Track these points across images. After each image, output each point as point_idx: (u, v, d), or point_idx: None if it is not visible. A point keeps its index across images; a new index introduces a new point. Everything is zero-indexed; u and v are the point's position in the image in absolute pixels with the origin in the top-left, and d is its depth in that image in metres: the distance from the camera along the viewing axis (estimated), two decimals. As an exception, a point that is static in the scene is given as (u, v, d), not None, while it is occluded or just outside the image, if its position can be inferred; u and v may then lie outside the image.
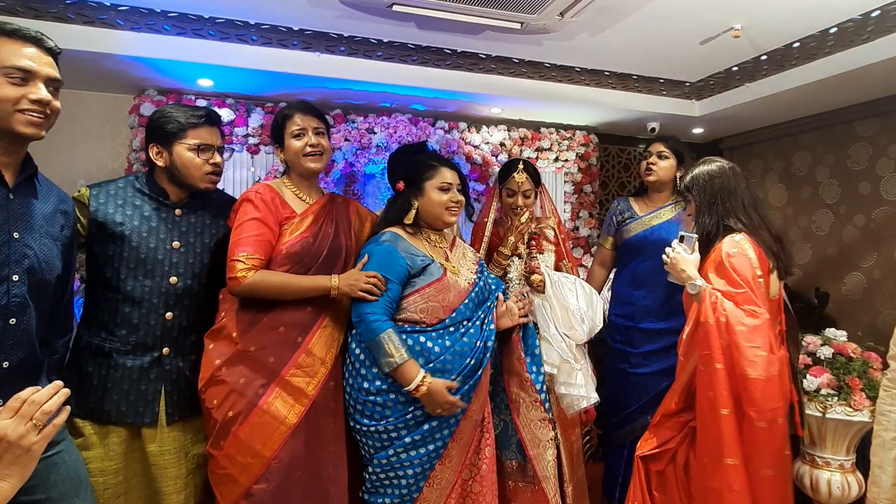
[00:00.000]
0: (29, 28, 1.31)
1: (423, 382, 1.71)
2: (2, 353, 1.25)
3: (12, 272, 1.27)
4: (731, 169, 2.00)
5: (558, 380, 2.15)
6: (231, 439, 1.70)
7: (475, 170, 3.36)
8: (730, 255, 1.83)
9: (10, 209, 1.30)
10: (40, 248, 1.34)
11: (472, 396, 1.82)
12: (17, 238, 1.29)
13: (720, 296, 1.79)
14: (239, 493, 1.69)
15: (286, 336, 1.78)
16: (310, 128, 1.89)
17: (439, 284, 1.83)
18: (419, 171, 1.94)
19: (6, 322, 1.26)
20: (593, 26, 2.52)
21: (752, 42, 2.66)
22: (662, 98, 3.35)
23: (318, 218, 1.90)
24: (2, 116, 1.26)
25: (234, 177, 3.00)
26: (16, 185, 1.33)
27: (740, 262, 1.81)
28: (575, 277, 2.30)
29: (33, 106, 1.27)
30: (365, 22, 2.48)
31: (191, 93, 2.93)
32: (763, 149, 3.90)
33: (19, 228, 1.30)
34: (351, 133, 3.12)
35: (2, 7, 2.28)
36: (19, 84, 1.26)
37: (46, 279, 1.35)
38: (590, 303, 2.21)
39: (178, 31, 2.46)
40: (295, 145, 1.89)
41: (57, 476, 1.33)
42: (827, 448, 2.49)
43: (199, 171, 1.78)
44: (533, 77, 3.05)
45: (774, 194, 3.81)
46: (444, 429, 1.78)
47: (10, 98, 1.25)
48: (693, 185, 2.00)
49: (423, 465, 1.77)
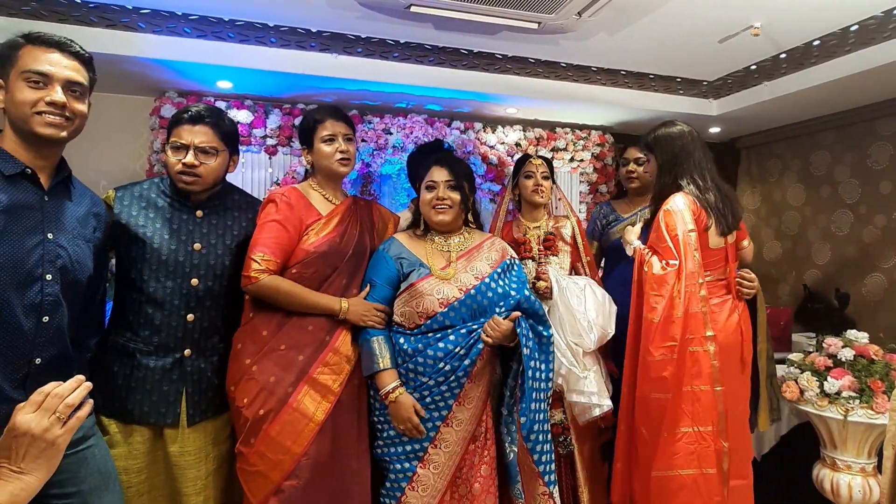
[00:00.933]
0: (53, 34, 1.35)
1: (393, 391, 1.76)
2: (35, 350, 1.28)
3: (46, 271, 1.30)
4: (691, 132, 2.14)
5: (567, 387, 2.10)
6: (262, 437, 1.71)
7: (491, 170, 3.36)
8: (666, 212, 2.02)
9: (45, 211, 1.33)
10: (73, 248, 1.37)
11: (453, 404, 1.80)
12: (52, 239, 1.32)
13: (648, 252, 2.03)
14: (269, 490, 1.71)
15: (314, 335, 1.80)
16: (340, 134, 1.91)
17: (412, 290, 1.82)
18: (418, 174, 1.97)
19: (39, 319, 1.28)
20: (611, 25, 2.51)
21: (772, 40, 2.64)
22: (679, 97, 3.34)
23: (344, 218, 1.91)
24: (23, 119, 1.30)
25: (252, 177, 3.03)
26: (51, 188, 1.36)
27: (671, 219, 2.01)
28: (587, 282, 2.21)
29: (49, 108, 1.31)
30: (382, 23, 2.49)
31: (210, 94, 2.96)
32: (781, 148, 3.86)
33: (53, 229, 1.33)
34: (367, 134, 3.13)
35: (27, 11, 2.32)
36: (38, 88, 1.30)
37: (78, 279, 1.38)
38: (601, 309, 2.13)
39: (199, 33, 2.49)
40: (325, 150, 1.90)
41: (87, 470, 1.35)
42: (848, 451, 2.46)
43: (171, 170, 1.74)
44: (549, 77, 3.04)
45: (793, 194, 3.77)
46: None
47: (28, 101, 1.30)
48: (655, 144, 2.13)
49: (402, 464, 1.78)
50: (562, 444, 2.16)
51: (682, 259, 1.96)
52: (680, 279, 1.95)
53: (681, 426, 1.89)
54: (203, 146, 1.74)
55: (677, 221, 2.00)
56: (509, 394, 1.88)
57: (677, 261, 1.96)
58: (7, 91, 1.31)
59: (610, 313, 2.14)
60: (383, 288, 1.86)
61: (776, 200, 3.96)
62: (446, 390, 1.79)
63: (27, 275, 1.26)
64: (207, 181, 1.76)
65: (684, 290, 1.94)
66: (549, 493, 1.86)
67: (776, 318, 3.03)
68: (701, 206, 2.04)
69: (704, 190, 2.06)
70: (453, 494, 1.83)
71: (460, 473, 1.84)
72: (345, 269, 1.86)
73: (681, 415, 1.89)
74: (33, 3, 2.31)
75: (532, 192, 2.32)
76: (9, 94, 1.31)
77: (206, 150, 1.75)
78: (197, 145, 1.73)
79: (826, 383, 2.43)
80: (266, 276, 1.75)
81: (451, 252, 1.92)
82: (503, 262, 1.94)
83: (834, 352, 2.56)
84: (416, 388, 1.79)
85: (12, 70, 1.30)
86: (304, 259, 1.82)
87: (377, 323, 1.82)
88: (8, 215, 1.24)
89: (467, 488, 1.84)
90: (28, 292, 1.26)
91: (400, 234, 1.96)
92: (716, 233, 2.07)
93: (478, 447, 1.86)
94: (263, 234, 1.79)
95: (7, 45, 1.32)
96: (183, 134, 1.74)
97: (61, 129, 1.33)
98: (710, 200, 2.06)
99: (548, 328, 1.85)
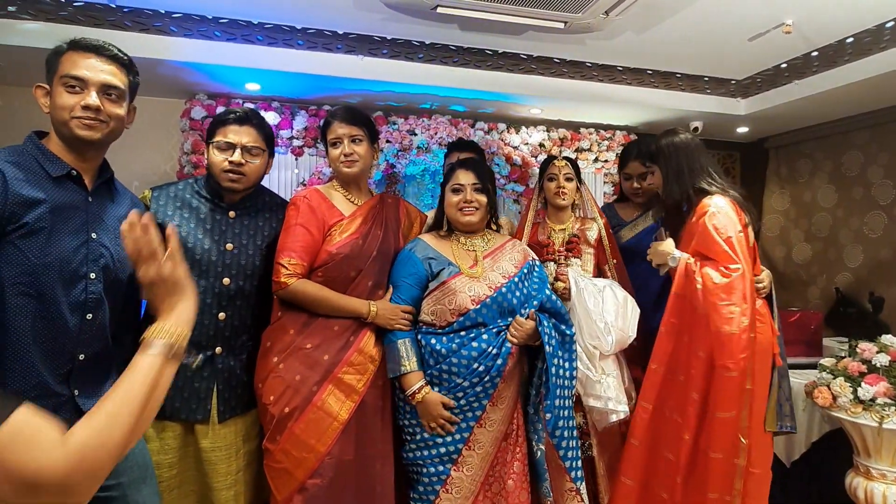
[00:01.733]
0: (93, 39, 1.39)
1: (419, 390, 1.77)
2: (79, 346, 1.31)
3: (90, 270, 1.33)
4: (693, 139, 2.13)
5: (584, 391, 2.04)
6: (287, 434, 1.74)
7: (515, 171, 3.36)
8: (713, 215, 1.95)
9: (89, 211, 1.37)
10: (115, 248, 1.39)
11: (487, 405, 1.81)
12: (95, 238, 1.36)
13: (696, 262, 1.94)
14: (294, 487, 1.73)
15: (340, 335, 1.82)
16: (346, 137, 1.91)
17: (444, 287, 1.84)
18: (445, 176, 2.00)
19: (83, 317, 1.32)
20: (638, 24, 2.49)
21: (804, 37, 2.59)
22: (706, 96, 3.29)
23: (367, 219, 1.93)
24: (63, 122, 1.34)
25: (280, 178, 3.07)
26: (94, 189, 1.40)
27: (722, 221, 1.94)
28: (608, 283, 2.16)
29: (85, 112, 1.34)
30: (408, 24, 2.51)
31: (239, 97, 3.01)
32: (811, 148, 3.77)
33: (97, 229, 1.37)
34: (392, 135, 3.15)
35: (64, 16, 2.39)
36: (75, 92, 1.34)
37: (119, 277, 1.42)
38: (620, 311, 2.08)
39: (229, 36, 2.54)
40: (332, 153, 1.95)
41: (127, 463, 1.38)
42: (883, 459, 2.39)
43: (216, 169, 1.80)
44: (574, 77, 3.03)
45: (823, 195, 3.69)
46: (456, 433, 1.79)
47: (67, 105, 1.33)
48: (659, 155, 2.10)
49: (436, 467, 1.78)
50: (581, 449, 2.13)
51: (741, 261, 1.90)
52: (745, 282, 1.88)
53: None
54: (249, 146, 1.81)
55: (727, 223, 1.94)
56: (534, 392, 1.89)
57: (738, 264, 1.89)
58: (51, 96, 1.36)
59: (631, 316, 2.09)
60: (412, 288, 1.87)
61: (806, 202, 3.88)
62: (481, 391, 1.80)
63: (73, 273, 1.29)
64: (251, 180, 1.83)
65: (750, 294, 1.89)
66: (577, 490, 1.86)
67: (806, 321, 2.96)
68: (739, 204, 2.00)
69: (726, 189, 2.03)
70: (486, 493, 1.83)
71: (493, 472, 1.84)
72: (370, 271, 1.88)
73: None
74: (70, 9, 2.38)
75: (554, 195, 2.32)
76: (52, 100, 1.35)
77: (252, 150, 1.82)
78: (244, 145, 1.80)
79: (860, 389, 2.37)
80: (295, 281, 1.78)
81: (476, 252, 1.94)
82: (526, 264, 1.97)
83: (868, 357, 2.49)
84: (451, 390, 1.79)
85: (55, 76, 1.35)
86: (328, 261, 1.84)
87: (404, 326, 1.84)
88: (55, 215, 1.27)
89: (500, 486, 1.84)
90: (73, 290, 1.29)
91: (425, 235, 1.98)
92: (752, 230, 2.05)
93: (509, 444, 1.86)
94: (289, 238, 1.82)
95: (53, 52, 1.37)
96: (229, 134, 1.80)
97: (97, 132, 1.37)
98: (738, 198, 2.04)
99: (570, 326, 1.89)
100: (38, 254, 1.23)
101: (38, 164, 1.30)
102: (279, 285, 1.79)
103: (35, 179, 1.27)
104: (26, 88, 2.88)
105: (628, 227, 2.57)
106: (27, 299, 1.23)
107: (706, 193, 2.01)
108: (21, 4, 2.33)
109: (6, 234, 1.21)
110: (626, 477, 2.03)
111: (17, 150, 1.31)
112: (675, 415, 1.96)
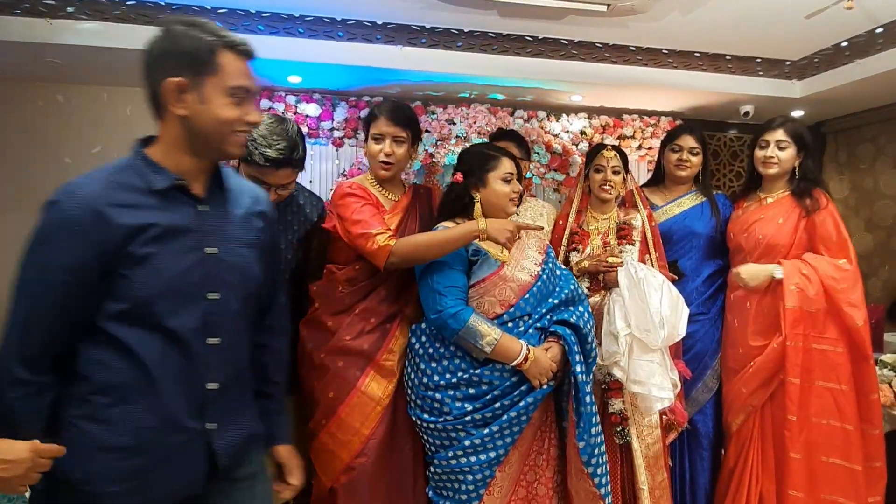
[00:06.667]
0: (248, 43, 1.20)
1: (530, 351, 1.72)
2: (207, 375, 1.17)
3: (208, 290, 1.17)
4: None
5: (626, 378, 1.99)
6: (333, 419, 1.85)
7: (555, 159, 3.31)
8: (835, 206, 2.16)
9: (201, 223, 1.18)
10: (234, 259, 1.21)
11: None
12: (210, 254, 1.18)
13: (806, 265, 2.11)
14: (340, 468, 1.84)
15: (376, 325, 1.91)
16: (389, 135, 1.89)
17: (495, 278, 1.81)
18: (482, 162, 1.87)
19: (204, 342, 1.17)
20: (685, 4, 2.40)
21: (867, 13, 2.43)
22: (759, 79, 3.14)
23: (405, 217, 1.97)
24: (220, 139, 1.16)
25: (320, 169, 3.13)
26: (205, 197, 1.21)
27: (838, 215, 2.16)
28: (664, 278, 2.08)
29: (247, 128, 1.19)
30: (447, 12, 2.50)
31: (281, 90, 3.07)
32: (874, 132, 3.57)
33: (211, 243, 1.18)
34: (431, 124, 3.16)
35: (117, 15, 2.48)
36: (239, 104, 1.15)
37: (249, 290, 1.25)
38: (674, 308, 2.02)
39: (271, 30, 2.59)
40: (372, 148, 1.93)
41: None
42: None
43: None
44: (617, 62, 2.94)
45: (886, 182, 3.49)
46: (507, 436, 1.74)
47: (231, 119, 1.15)
48: (804, 133, 2.25)
49: (482, 472, 1.74)
50: (618, 434, 2.08)
51: (853, 260, 2.11)
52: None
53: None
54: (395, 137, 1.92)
55: (839, 218, 2.15)
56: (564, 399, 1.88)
57: (850, 264, 2.10)
58: (200, 99, 1.12)
59: (682, 314, 2.03)
60: (460, 276, 1.81)
61: (867, 189, 3.67)
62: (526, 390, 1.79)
63: (188, 297, 1.14)
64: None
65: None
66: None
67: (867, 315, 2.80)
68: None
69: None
70: (521, 484, 1.84)
71: (527, 463, 1.85)
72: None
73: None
74: (123, 8, 2.47)
75: (600, 187, 2.26)
76: (204, 106, 1.13)
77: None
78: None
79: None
80: (395, 242, 1.76)
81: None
82: (548, 248, 1.99)
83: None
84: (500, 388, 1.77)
85: (211, 78, 1.12)
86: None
87: (513, 239, 1.80)
88: (163, 237, 1.11)
89: (535, 475, 1.85)
90: (191, 315, 1.14)
91: (447, 223, 1.88)
92: None
93: (545, 432, 1.89)
94: (365, 215, 1.81)
95: (196, 48, 1.12)
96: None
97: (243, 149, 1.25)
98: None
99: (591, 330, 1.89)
100: (147, 282, 1.10)
101: (142, 180, 1.13)
102: (386, 249, 1.74)
103: (139, 200, 1.11)
104: (83, 86, 3.06)
105: (660, 212, 2.49)
106: (143, 331, 1.11)
107: (819, 185, 2.22)
108: (79, 5, 2.44)
109: (114, 269, 1.09)
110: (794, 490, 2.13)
111: (121, 168, 1.15)
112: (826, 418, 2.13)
